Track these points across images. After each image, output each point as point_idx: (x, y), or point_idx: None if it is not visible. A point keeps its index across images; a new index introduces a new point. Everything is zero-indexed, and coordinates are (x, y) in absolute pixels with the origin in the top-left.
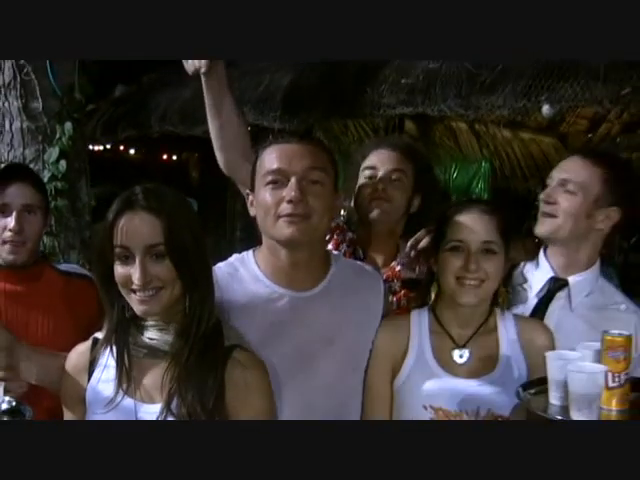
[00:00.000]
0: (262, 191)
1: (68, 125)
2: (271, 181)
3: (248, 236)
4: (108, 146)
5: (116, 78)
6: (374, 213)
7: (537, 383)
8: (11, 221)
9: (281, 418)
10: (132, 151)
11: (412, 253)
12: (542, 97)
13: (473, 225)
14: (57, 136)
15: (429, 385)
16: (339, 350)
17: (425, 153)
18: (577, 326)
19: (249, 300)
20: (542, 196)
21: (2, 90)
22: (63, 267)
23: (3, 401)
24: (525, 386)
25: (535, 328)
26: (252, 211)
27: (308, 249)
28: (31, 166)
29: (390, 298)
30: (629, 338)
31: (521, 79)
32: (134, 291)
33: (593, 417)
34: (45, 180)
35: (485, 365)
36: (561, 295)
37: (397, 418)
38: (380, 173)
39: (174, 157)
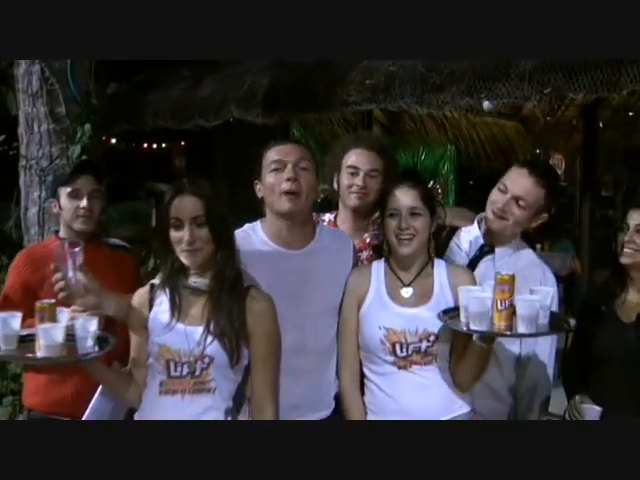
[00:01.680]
0: (268, 176)
1: (87, 126)
2: (274, 168)
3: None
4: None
5: (109, 77)
6: (355, 202)
7: (454, 309)
8: (84, 202)
9: (283, 338)
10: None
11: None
12: (482, 95)
13: (402, 196)
14: (78, 136)
15: (383, 312)
16: (321, 291)
17: (391, 148)
18: None
19: (258, 256)
20: (496, 197)
21: (31, 99)
22: (110, 241)
23: (96, 333)
24: (445, 311)
25: (461, 273)
26: (259, 194)
27: (299, 218)
28: (57, 162)
29: (364, 262)
30: (512, 277)
31: (464, 80)
32: (183, 249)
33: (484, 328)
34: None
35: (423, 298)
36: (488, 257)
37: (360, 337)
38: (361, 172)
39: (155, 146)
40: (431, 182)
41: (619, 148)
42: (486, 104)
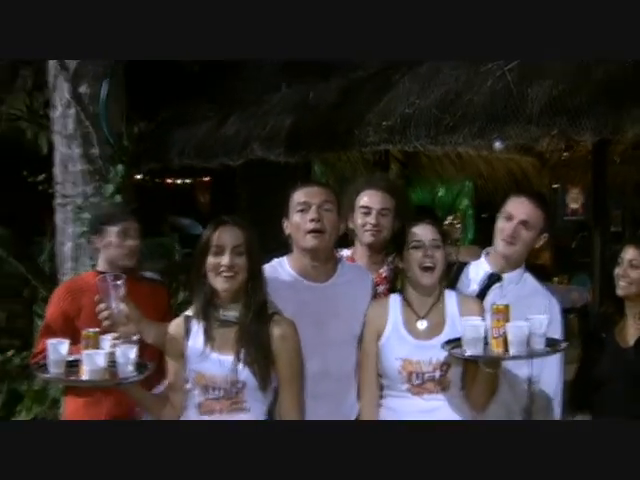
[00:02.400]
0: (295, 216)
1: (120, 167)
2: (300, 209)
3: None
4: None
5: (137, 116)
6: (369, 239)
7: (457, 339)
8: (131, 241)
9: (307, 364)
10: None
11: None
12: (493, 136)
13: (423, 230)
14: (111, 175)
15: (400, 345)
16: (342, 321)
17: (403, 187)
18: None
19: (285, 288)
20: (503, 225)
21: (66, 140)
22: (146, 274)
23: (135, 359)
24: (448, 341)
25: (470, 302)
26: (287, 231)
27: (323, 255)
28: (91, 200)
29: (381, 295)
30: (507, 307)
31: (476, 122)
32: (220, 273)
33: (479, 352)
34: None
35: (436, 329)
36: (496, 285)
37: (379, 366)
38: (373, 212)
39: (179, 182)
40: (449, 217)
41: (629, 183)
42: (497, 144)
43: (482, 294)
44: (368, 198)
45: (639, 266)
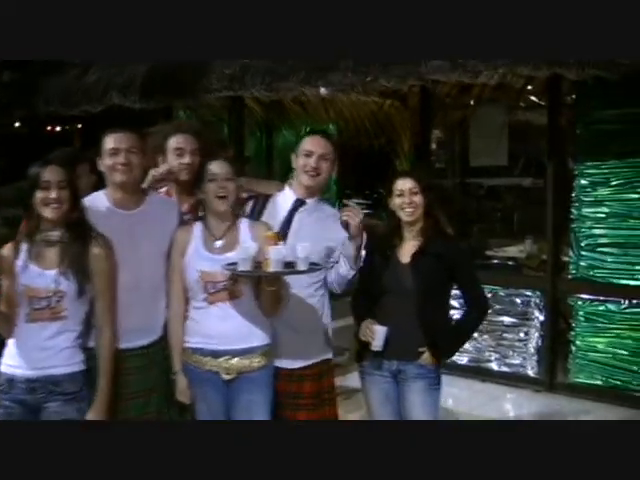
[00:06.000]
0: (106, 159)
1: None
2: (111, 154)
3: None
4: None
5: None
6: (185, 177)
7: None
8: None
9: (123, 277)
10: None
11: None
12: (318, 83)
13: (218, 167)
14: None
15: (199, 259)
16: (152, 241)
17: (204, 131)
18: (309, 229)
19: (102, 215)
20: (305, 161)
21: None
22: None
23: None
24: (229, 263)
25: (259, 225)
26: (102, 167)
27: (131, 189)
28: None
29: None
30: (276, 234)
31: (302, 71)
32: (48, 204)
33: (247, 268)
34: None
35: (230, 247)
36: (302, 209)
37: (184, 280)
38: (186, 152)
39: (59, 129)
40: None
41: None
42: (322, 90)
43: (290, 217)
44: (177, 140)
45: (418, 192)
